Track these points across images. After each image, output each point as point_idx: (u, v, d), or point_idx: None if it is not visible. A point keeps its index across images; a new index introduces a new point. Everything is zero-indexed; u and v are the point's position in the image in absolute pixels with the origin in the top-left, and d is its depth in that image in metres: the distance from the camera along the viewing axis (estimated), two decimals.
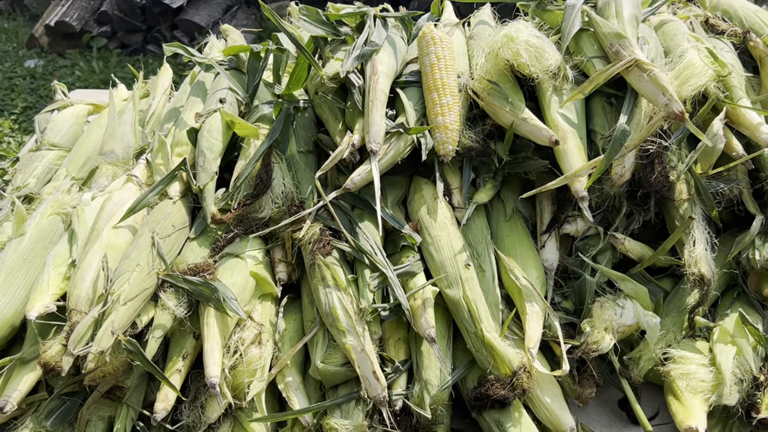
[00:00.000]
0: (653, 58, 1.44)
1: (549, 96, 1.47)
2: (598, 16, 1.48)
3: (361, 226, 1.42)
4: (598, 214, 1.46)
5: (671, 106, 1.27)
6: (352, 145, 1.43)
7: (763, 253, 1.40)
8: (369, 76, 1.48)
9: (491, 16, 1.80)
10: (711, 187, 1.44)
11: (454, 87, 1.50)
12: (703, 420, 1.21)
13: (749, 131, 1.38)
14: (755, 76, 1.56)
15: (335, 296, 1.30)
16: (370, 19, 1.58)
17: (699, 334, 1.42)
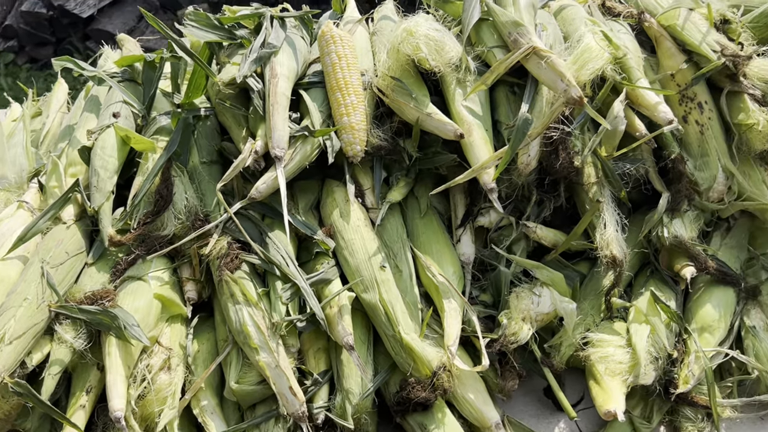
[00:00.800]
0: (552, 45, 1.44)
1: (453, 89, 1.45)
2: (495, 5, 1.47)
3: (272, 235, 1.37)
4: (510, 204, 1.46)
5: (570, 92, 1.27)
6: (255, 152, 1.38)
7: (671, 230, 1.42)
8: (268, 79, 1.43)
9: (394, 10, 1.77)
10: (618, 169, 1.45)
11: (358, 86, 1.46)
12: (621, 402, 1.21)
13: (648, 111, 1.40)
14: (653, 55, 1.59)
15: (245, 312, 1.25)
16: (267, 20, 1.53)
17: (617, 315, 1.43)
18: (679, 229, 1.42)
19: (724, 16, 1.53)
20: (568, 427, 1.39)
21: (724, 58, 1.42)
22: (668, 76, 1.51)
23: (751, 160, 1.49)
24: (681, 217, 1.44)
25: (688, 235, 1.42)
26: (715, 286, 1.43)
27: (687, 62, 1.49)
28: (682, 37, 1.50)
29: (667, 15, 1.53)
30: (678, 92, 1.49)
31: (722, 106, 1.48)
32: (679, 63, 1.49)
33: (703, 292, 1.43)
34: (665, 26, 1.53)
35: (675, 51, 1.51)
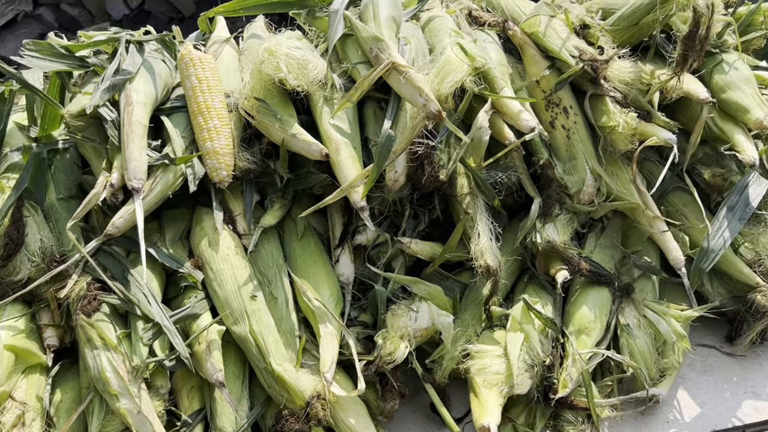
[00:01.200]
0: (414, 59, 1.44)
1: (320, 107, 1.42)
2: (358, 21, 1.46)
3: (135, 272, 1.30)
4: (386, 220, 1.44)
5: (428, 106, 1.26)
6: (110, 185, 1.31)
7: (543, 235, 1.44)
8: (123, 107, 1.37)
9: (264, 28, 1.73)
10: (490, 178, 1.45)
11: (221, 109, 1.42)
12: (495, 416, 1.21)
13: (512, 119, 1.41)
14: (522, 62, 1.60)
15: (104, 357, 1.18)
16: (122, 45, 1.46)
17: (498, 323, 1.44)
18: (551, 233, 1.44)
19: (584, 21, 1.56)
20: None
21: (583, 63, 1.45)
22: (534, 82, 1.53)
23: (618, 161, 1.53)
24: (553, 222, 1.46)
25: (560, 239, 1.44)
26: (590, 288, 1.45)
27: (550, 68, 1.52)
28: (544, 43, 1.52)
29: (529, 22, 1.56)
30: (543, 98, 1.51)
31: (586, 109, 1.51)
32: (542, 69, 1.51)
33: (580, 294, 1.45)
34: (528, 33, 1.55)
35: (538, 58, 1.53)
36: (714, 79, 1.54)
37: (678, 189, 1.59)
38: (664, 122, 1.49)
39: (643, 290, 1.48)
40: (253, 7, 1.68)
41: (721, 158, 1.55)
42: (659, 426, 1.39)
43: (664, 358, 1.41)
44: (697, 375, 1.50)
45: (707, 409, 1.43)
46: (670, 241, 1.47)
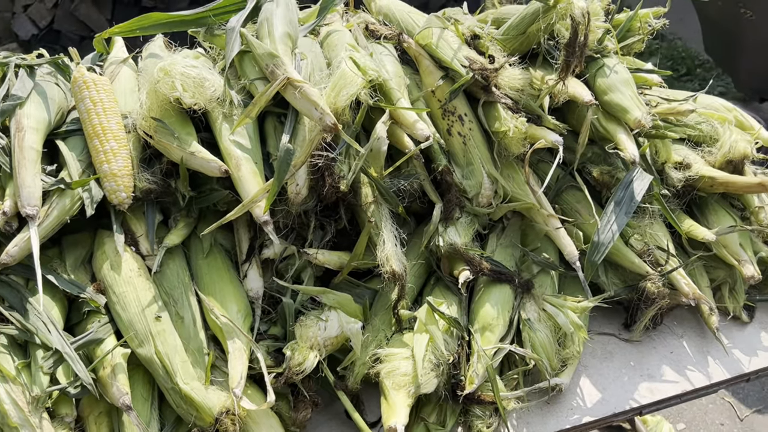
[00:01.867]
0: (311, 73, 1.47)
1: (220, 124, 1.43)
2: (253, 38, 1.47)
3: (33, 301, 1.28)
4: (292, 232, 1.46)
5: (324, 120, 1.29)
6: (3, 213, 1.28)
7: (446, 238, 1.49)
8: (14, 133, 1.34)
9: (163, 47, 1.72)
10: (393, 186, 1.50)
11: (118, 130, 1.41)
12: (403, 416, 1.25)
13: (408, 129, 1.46)
14: (418, 73, 1.66)
15: (2, 389, 1.15)
16: (11, 70, 1.43)
17: (407, 327, 1.47)
18: (453, 236, 1.49)
19: (474, 32, 1.63)
20: None
21: (473, 72, 1.52)
22: (430, 92, 1.59)
23: (513, 164, 1.60)
24: (455, 225, 1.52)
25: (461, 241, 1.49)
26: (493, 286, 1.51)
27: (444, 78, 1.58)
28: (437, 54, 1.58)
29: (423, 34, 1.61)
30: (439, 107, 1.57)
31: (480, 116, 1.58)
32: (437, 79, 1.57)
33: (483, 293, 1.51)
34: (422, 45, 1.61)
35: (433, 68, 1.59)
36: (597, 83, 1.64)
37: (571, 188, 1.67)
38: (553, 125, 1.57)
39: (543, 285, 1.55)
40: (150, 27, 1.67)
41: (607, 156, 1.64)
42: (564, 413, 1.46)
43: (565, 349, 1.49)
44: (598, 362, 1.58)
45: (607, 394, 1.51)
46: (564, 237, 1.55)
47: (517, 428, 1.43)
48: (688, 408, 3.32)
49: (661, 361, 1.59)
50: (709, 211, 1.73)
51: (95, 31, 6.81)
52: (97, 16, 6.90)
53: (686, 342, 1.64)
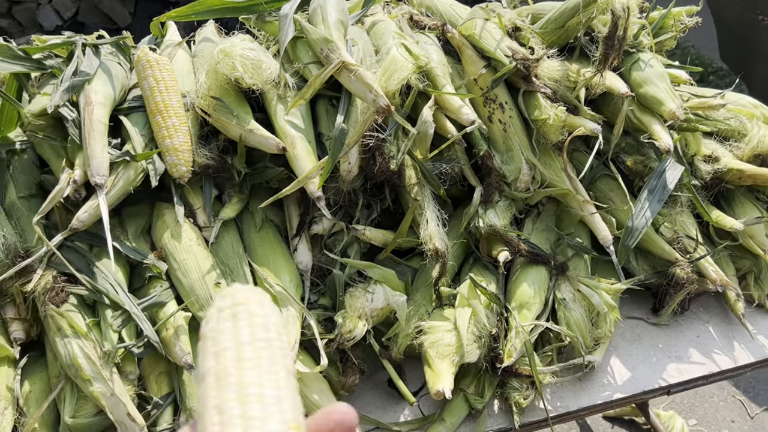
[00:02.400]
0: (362, 59, 1.54)
1: (275, 105, 1.50)
2: (308, 24, 1.55)
3: (100, 264, 1.35)
4: (340, 210, 1.53)
5: (378, 102, 1.36)
6: (73, 181, 1.36)
7: (485, 220, 1.56)
8: (83, 107, 1.41)
9: (215, 32, 1.80)
10: (435, 169, 1.57)
11: (179, 108, 1.48)
12: (449, 382, 1.31)
13: (453, 114, 1.52)
14: (460, 63, 1.73)
15: (75, 345, 1.23)
16: (79, 48, 1.51)
17: (447, 303, 1.54)
18: (492, 218, 1.56)
19: (515, 25, 1.70)
20: (412, 413, 1.47)
21: (516, 62, 1.58)
22: (472, 80, 1.65)
23: (551, 151, 1.67)
24: (494, 208, 1.58)
25: (501, 223, 1.56)
26: (529, 267, 1.58)
27: (486, 67, 1.64)
28: (480, 44, 1.65)
29: (466, 25, 1.68)
30: (481, 95, 1.64)
31: (520, 104, 1.64)
32: (479, 68, 1.64)
33: (520, 273, 1.57)
34: (466, 36, 1.68)
35: (475, 58, 1.66)
36: (632, 76, 1.71)
37: (605, 176, 1.74)
38: (589, 115, 1.64)
39: (577, 268, 1.62)
40: (204, 12, 1.75)
41: (641, 147, 1.71)
42: (595, 389, 1.53)
43: (598, 329, 1.55)
44: (627, 344, 1.65)
45: (637, 373, 1.57)
46: (599, 222, 1.62)
47: (551, 402, 1.49)
48: (700, 405, 3.37)
49: (689, 344, 1.65)
50: (736, 203, 1.79)
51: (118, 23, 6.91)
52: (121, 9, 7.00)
53: (712, 327, 1.70)
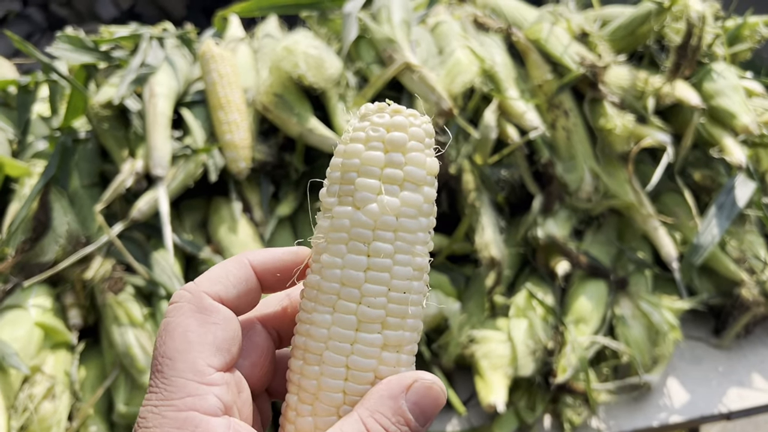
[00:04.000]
0: (425, 60, 1.51)
1: (335, 103, 1.49)
2: (372, 23, 1.53)
3: (157, 256, 1.36)
4: None
5: (440, 104, 1.34)
6: (135, 172, 1.37)
7: (544, 229, 1.52)
8: (147, 99, 1.43)
9: (277, 27, 1.80)
10: (494, 174, 1.53)
11: (240, 103, 1.48)
12: (502, 394, 1.28)
13: (517, 119, 1.49)
14: (524, 67, 1.69)
15: (131, 335, 1.24)
16: (145, 40, 1.52)
17: (500, 312, 1.51)
18: (552, 228, 1.52)
19: (584, 30, 1.65)
20: (460, 424, 1.45)
21: (583, 68, 1.54)
22: (536, 86, 1.61)
23: (615, 161, 1.61)
24: (554, 217, 1.54)
25: (560, 234, 1.52)
26: (588, 280, 1.53)
27: (552, 73, 1.60)
28: (546, 49, 1.60)
29: (532, 29, 1.64)
30: (545, 101, 1.60)
31: (586, 112, 1.60)
32: (544, 74, 1.60)
33: (578, 286, 1.53)
34: (531, 40, 1.64)
35: (541, 62, 1.62)
36: (704, 87, 1.64)
37: (670, 191, 1.68)
38: (658, 126, 1.58)
39: (637, 283, 1.56)
40: (267, 8, 1.76)
41: (710, 161, 1.64)
42: (651, 411, 1.47)
43: (657, 348, 1.49)
44: (686, 365, 1.58)
45: (696, 397, 1.51)
46: (663, 237, 1.56)
47: (605, 420, 1.44)
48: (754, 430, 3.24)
49: (751, 369, 1.58)
50: None
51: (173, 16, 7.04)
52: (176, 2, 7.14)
53: None
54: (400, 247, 0.48)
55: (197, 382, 0.42)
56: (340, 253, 0.48)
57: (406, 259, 0.48)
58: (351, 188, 0.49)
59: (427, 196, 0.50)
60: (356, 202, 0.48)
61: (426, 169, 0.49)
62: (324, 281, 0.49)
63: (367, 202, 0.48)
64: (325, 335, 0.48)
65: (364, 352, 0.48)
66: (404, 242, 0.48)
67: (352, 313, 0.48)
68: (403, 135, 0.48)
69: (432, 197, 0.50)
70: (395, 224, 0.48)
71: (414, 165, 0.49)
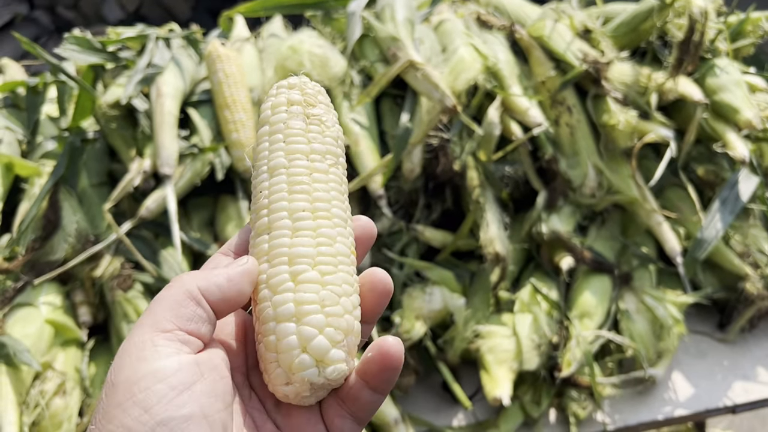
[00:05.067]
0: (429, 57, 1.52)
1: (339, 102, 1.51)
2: (376, 22, 1.55)
3: (165, 254, 1.38)
4: (400, 209, 1.53)
5: (444, 101, 1.35)
6: (143, 171, 1.39)
7: (549, 225, 1.53)
8: (154, 99, 1.45)
9: (282, 27, 1.81)
10: (498, 171, 1.54)
11: (246, 102, 1.50)
12: (507, 388, 1.29)
13: (520, 116, 1.50)
14: (527, 64, 1.70)
15: None
16: (152, 41, 1.54)
17: (505, 308, 1.52)
18: (556, 224, 1.53)
19: (586, 27, 1.66)
20: (466, 418, 1.46)
21: (586, 65, 1.55)
22: (540, 83, 1.62)
23: (618, 157, 1.62)
24: (558, 213, 1.55)
25: (564, 229, 1.53)
26: (592, 275, 1.54)
27: (555, 69, 1.61)
28: (549, 46, 1.61)
29: (535, 26, 1.65)
30: (548, 97, 1.61)
31: (589, 108, 1.61)
32: (548, 70, 1.61)
33: (582, 281, 1.53)
34: (534, 37, 1.65)
35: (544, 59, 1.63)
36: (707, 82, 1.64)
37: (674, 185, 1.68)
38: (661, 121, 1.59)
39: (641, 278, 1.57)
40: (272, 8, 1.77)
41: (713, 156, 1.65)
42: (656, 405, 1.48)
43: (661, 342, 1.50)
44: (690, 359, 1.59)
45: (700, 390, 1.52)
46: (666, 232, 1.57)
47: (609, 414, 1.45)
48: (761, 428, 3.24)
49: (756, 363, 1.58)
50: None
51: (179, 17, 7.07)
52: (182, 4, 7.17)
53: None
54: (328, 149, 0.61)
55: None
56: (280, 165, 0.58)
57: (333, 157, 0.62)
58: (277, 135, 0.59)
59: (332, 120, 0.63)
60: (271, 124, 0.60)
61: (320, 96, 0.63)
62: (273, 213, 0.57)
63: (277, 120, 0.60)
64: (287, 242, 0.55)
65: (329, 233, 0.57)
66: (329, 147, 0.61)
67: (308, 210, 0.56)
68: (298, 92, 0.61)
69: (329, 117, 0.63)
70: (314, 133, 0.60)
71: (310, 92, 0.62)
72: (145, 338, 0.49)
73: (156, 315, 0.50)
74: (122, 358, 0.48)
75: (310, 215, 0.56)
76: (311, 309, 0.52)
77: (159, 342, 0.49)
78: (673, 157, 1.64)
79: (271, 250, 0.55)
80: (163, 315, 0.50)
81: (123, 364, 0.48)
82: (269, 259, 0.55)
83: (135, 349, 0.48)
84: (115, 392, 0.47)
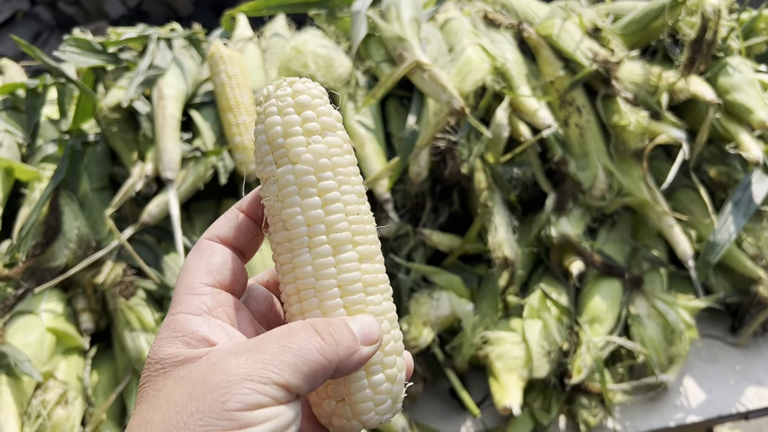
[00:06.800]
0: (435, 58, 1.49)
1: (344, 104, 1.48)
2: (381, 21, 1.52)
3: (168, 259, 1.36)
4: (407, 213, 1.50)
5: (452, 103, 1.32)
6: (145, 176, 1.36)
7: (558, 228, 1.50)
8: (156, 101, 1.42)
9: (285, 27, 1.78)
10: (507, 173, 1.51)
11: (250, 105, 1.47)
12: (517, 397, 1.27)
13: (529, 117, 1.47)
14: (535, 64, 1.67)
15: (143, 339, 1.23)
16: (153, 42, 1.51)
17: (514, 313, 1.49)
18: (565, 227, 1.50)
19: (596, 25, 1.63)
20: (474, 425, 1.44)
21: (596, 64, 1.52)
22: (548, 83, 1.59)
23: (629, 158, 1.59)
24: (567, 216, 1.52)
25: (574, 232, 1.50)
26: (602, 279, 1.51)
27: (564, 69, 1.58)
28: (558, 45, 1.58)
29: (544, 25, 1.62)
30: (557, 98, 1.57)
31: (599, 108, 1.57)
32: (557, 70, 1.58)
33: (592, 285, 1.51)
34: (543, 36, 1.62)
35: (553, 59, 1.59)
36: (719, 82, 1.61)
37: (685, 187, 1.65)
38: (672, 122, 1.55)
39: (652, 282, 1.54)
40: (275, 7, 1.74)
41: (725, 157, 1.61)
42: (668, 411, 1.46)
43: (672, 347, 1.48)
44: (702, 364, 1.56)
45: (713, 396, 1.49)
46: (678, 235, 1.54)
47: (620, 421, 1.43)
48: None
49: None
50: None
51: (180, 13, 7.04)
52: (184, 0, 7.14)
53: None
54: (342, 180, 0.56)
55: (188, 294, 0.53)
56: (295, 203, 0.55)
57: (349, 188, 0.57)
58: (283, 150, 0.55)
59: (343, 137, 0.58)
60: (292, 158, 0.55)
61: (333, 116, 0.58)
62: (291, 230, 0.55)
63: (301, 154, 0.55)
64: (310, 271, 0.55)
65: (348, 269, 0.55)
66: (343, 175, 0.56)
67: (325, 243, 0.55)
68: (306, 96, 0.56)
69: (346, 138, 0.58)
70: (330, 164, 0.56)
71: (324, 116, 0.57)
72: None
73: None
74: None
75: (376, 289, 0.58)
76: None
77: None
78: (685, 159, 1.62)
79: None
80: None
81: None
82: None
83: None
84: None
